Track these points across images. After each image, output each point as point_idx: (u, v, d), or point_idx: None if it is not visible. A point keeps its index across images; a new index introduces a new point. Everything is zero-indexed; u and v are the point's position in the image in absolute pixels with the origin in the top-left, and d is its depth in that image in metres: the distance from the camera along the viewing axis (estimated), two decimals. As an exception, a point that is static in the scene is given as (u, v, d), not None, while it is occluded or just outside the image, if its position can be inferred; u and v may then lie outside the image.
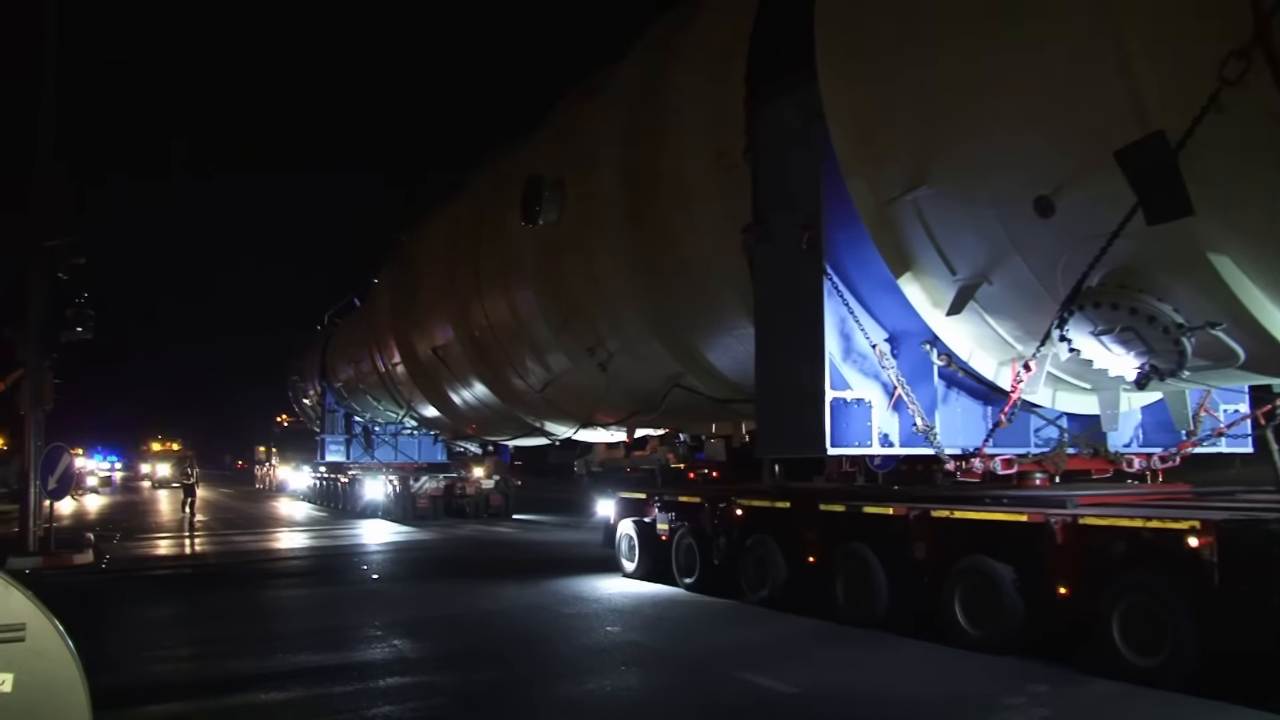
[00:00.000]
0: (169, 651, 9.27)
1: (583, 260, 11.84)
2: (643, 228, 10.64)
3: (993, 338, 7.95)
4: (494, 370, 15.98)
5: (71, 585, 14.18)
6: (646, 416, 13.39)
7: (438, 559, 17.05)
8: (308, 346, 36.32)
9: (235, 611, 11.75)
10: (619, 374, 12.48)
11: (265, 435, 49.21)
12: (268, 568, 16.90)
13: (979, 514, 8.00)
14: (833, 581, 9.29)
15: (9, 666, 3.20)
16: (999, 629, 7.68)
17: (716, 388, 11.32)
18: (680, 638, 9.22)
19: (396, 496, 25.91)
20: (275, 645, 9.20)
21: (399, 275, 19.92)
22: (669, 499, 12.07)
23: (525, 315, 13.92)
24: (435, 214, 18.79)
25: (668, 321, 10.96)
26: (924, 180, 7.23)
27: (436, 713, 6.72)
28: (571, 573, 13.41)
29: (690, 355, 11.08)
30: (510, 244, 13.66)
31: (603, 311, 11.97)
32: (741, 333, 10.11)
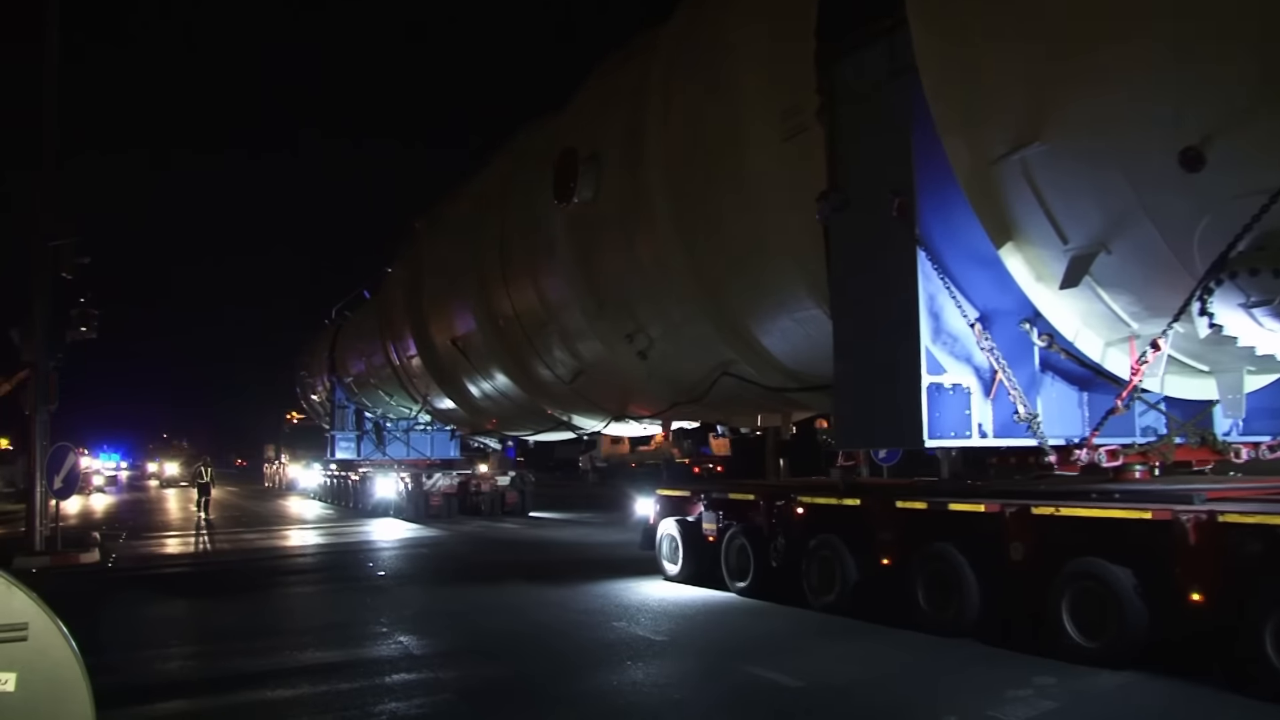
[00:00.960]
0: (175, 649, 9.27)
1: (623, 240, 11.00)
2: (692, 202, 9.80)
3: (1104, 315, 7.11)
4: (519, 361, 15.14)
5: (78, 584, 14.08)
6: (688, 408, 12.58)
7: (455, 561, 16.24)
8: (316, 341, 35.50)
9: (241, 610, 11.62)
10: (661, 362, 11.65)
11: (274, 433, 48.37)
12: (274, 566, 16.52)
13: (1091, 511, 7.17)
14: (912, 586, 8.46)
15: (11, 666, 3.20)
16: (1117, 639, 6.86)
17: (770, 375, 10.48)
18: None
19: (409, 494, 25.12)
20: (279, 644, 9.16)
21: (415, 264, 19.07)
22: (717, 497, 11.24)
23: (556, 301, 13.08)
24: (454, 198, 17.94)
25: (719, 304, 10.13)
26: (1036, 136, 6.39)
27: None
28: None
29: (743, 340, 10.24)
30: (540, 226, 12.81)
31: (645, 295, 11.14)
32: (803, 315, 9.28)
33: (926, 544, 8.41)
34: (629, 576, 12.32)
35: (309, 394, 36.77)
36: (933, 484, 9.84)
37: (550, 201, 11.92)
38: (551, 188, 11.70)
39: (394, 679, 7.55)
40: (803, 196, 8.41)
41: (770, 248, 9.10)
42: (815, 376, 10.14)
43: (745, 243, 9.35)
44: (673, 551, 11.81)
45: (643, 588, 11.52)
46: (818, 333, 9.17)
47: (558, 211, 11.90)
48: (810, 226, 8.37)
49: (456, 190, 18.13)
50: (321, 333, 34.68)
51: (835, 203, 7.69)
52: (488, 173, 15.88)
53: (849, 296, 7.75)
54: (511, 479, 25.25)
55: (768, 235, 9.05)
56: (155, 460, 69.98)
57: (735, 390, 11.21)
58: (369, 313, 27.01)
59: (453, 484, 25.07)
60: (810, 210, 8.26)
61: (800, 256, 8.74)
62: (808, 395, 10.63)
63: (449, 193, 18.94)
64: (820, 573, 9.52)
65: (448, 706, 6.76)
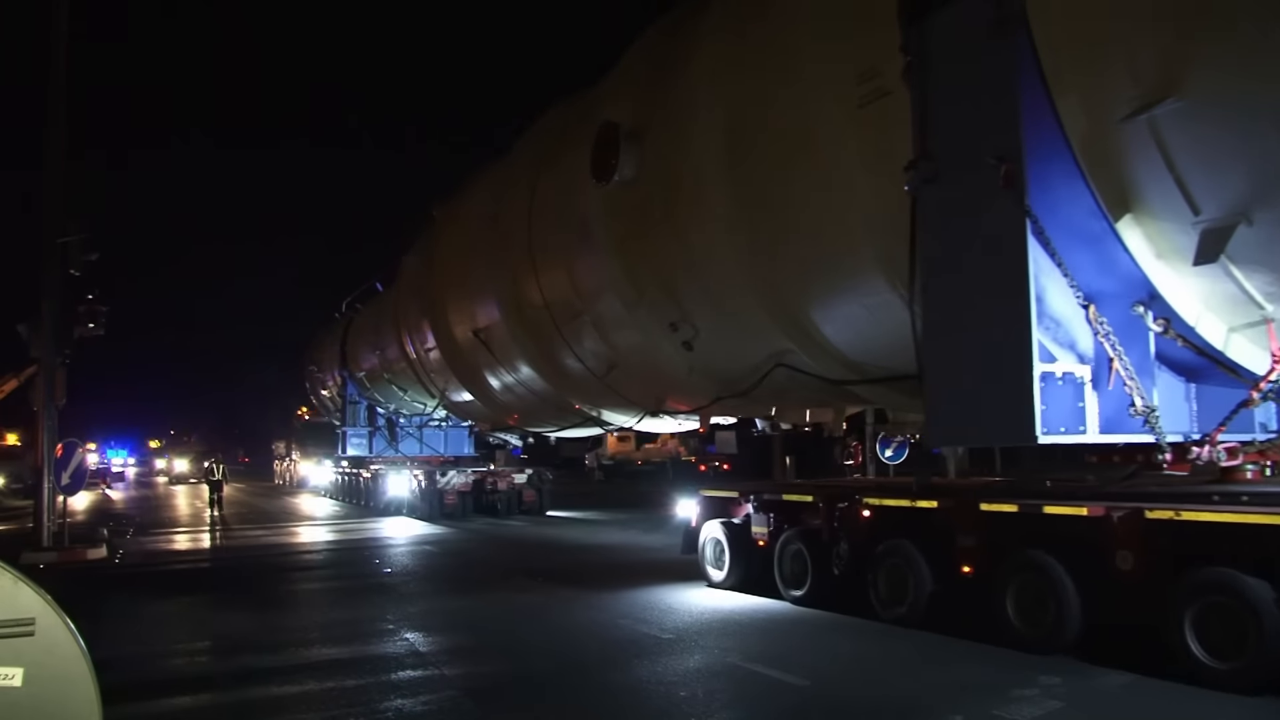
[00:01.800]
0: (182, 645, 9.27)
1: (669, 221, 10.22)
2: (750, 179, 9.02)
3: (1232, 296, 6.34)
4: (546, 353, 14.38)
5: (85, 580, 14.02)
6: (732, 402, 11.81)
7: (471, 564, 15.45)
8: (326, 335, 34.74)
9: (248, 610, 11.45)
10: (706, 353, 10.87)
11: (284, 429, 47.60)
12: (282, 564, 16.19)
13: (1220, 516, 6.37)
14: (999, 597, 7.69)
15: (18, 661, 3.19)
16: (1256, 660, 6.09)
17: (830, 367, 9.69)
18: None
19: (422, 492, 24.24)
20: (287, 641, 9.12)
21: (433, 253, 18.31)
22: (769, 498, 10.47)
23: (590, 289, 12.31)
24: (476, 182, 17.17)
25: (776, 290, 9.34)
26: (1170, 91, 5.61)
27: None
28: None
29: (801, 329, 9.46)
30: (574, 208, 12.03)
31: (692, 281, 10.36)
32: (874, 300, 8.49)
33: (1016, 551, 7.64)
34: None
35: (319, 389, 36.03)
36: (1014, 484, 9.04)
37: (587, 182, 11.15)
38: (589, 166, 10.92)
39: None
40: (880, 169, 7.66)
41: (840, 226, 8.31)
42: (880, 368, 9.39)
43: (811, 221, 8.56)
44: (718, 556, 11.05)
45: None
46: (889, 320, 8.40)
47: (595, 192, 11.12)
48: (887, 202, 7.60)
49: (478, 175, 17.36)
50: (332, 326, 33.94)
51: (925, 172, 6.90)
52: (514, 155, 15.10)
53: (942, 276, 6.96)
54: (529, 477, 24.46)
55: (837, 212, 8.26)
56: (164, 456, 69.09)
57: (787, 383, 10.44)
58: (382, 305, 26.26)
59: (468, 482, 24.27)
60: (887, 184, 7.49)
61: (874, 235, 7.96)
62: (868, 388, 9.86)
63: (468, 179, 18.18)
64: (889, 582, 8.76)
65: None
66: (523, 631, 9.38)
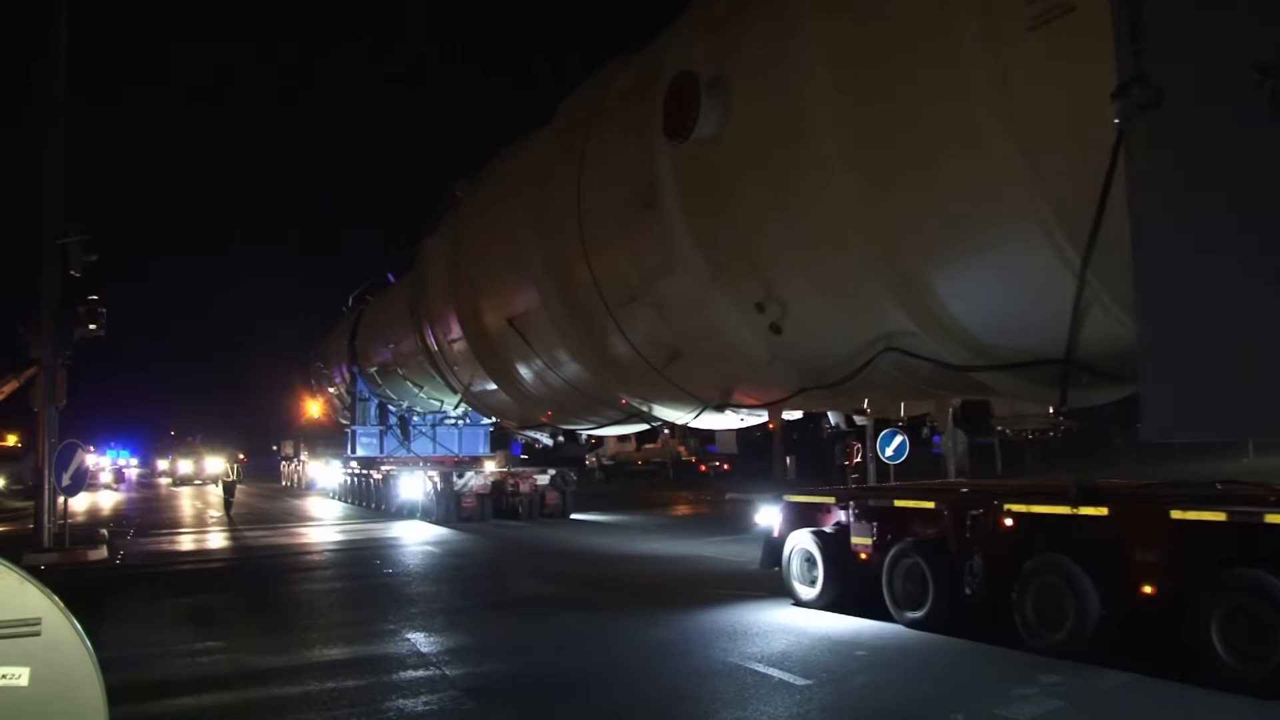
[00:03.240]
0: (184, 646, 9.23)
1: (760, 183, 8.78)
2: (874, 124, 7.58)
3: None
4: (593, 341, 12.94)
5: (86, 581, 13.99)
6: (818, 394, 10.36)
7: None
8: (333, 329, 33.29)
9: (249, 607, 11.60)
10: (797, 337, 9.44)
11: (292, 429, 45.99)
12: (286, 566, 16.05)
13: None
14: (1201, 625, 6.30)
15: (25, 660, 3.18)
16: None
17: (953, 349, 8.25)
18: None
19: (438, 495, 22.85)
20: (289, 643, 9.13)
21: (459, 236, 16.86)
22: (875, 505, 9.06)
23: (652, 267, 10.86)
24: (511, 155, 15.74)
25: (896, 257, 7.90)
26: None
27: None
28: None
29: (922, 304, 8.02)
30: (635, 174, 10.58)
31: (787, 251, 8.89)
32: (1022, 266, 7.10)
33: (1223, 570, 6.24)
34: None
35: (326, 386, 34.54)
36: (1227, 489, 7.62)
37: (654, 143, 9.74)
38: (660, 124, 9.49)
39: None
40: (1052, 102, 6.26)
41: (994, 177, 6.87)
42: (1015, 350, 8.01)
43: (955, 173, 7.12)
44: (807, 571, 9.67)
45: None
46: (1039, 291, 7.06)
47: (665, 154, 9.70)
48: (1058, 143, 6.22)
49: (512, 149, 15.92)
50: (340, 320, 32.51)
51: (1142, 98, 5.46)
52: (557, 123, 13.63)
53: (1166, 232, 5.53)
54: (551, 478, 23.03)
55: (992, 160, 6.82)
56: (168, 457, 67.02)
57: (893, 371, 9.02)
58: (397, 295, 24.84)
59: (486, 484, 22.84)
60: (1063, 122, 6.12)
61: (1041, 185, 6.54)
62: (996, 376, 8.43)
63: (499, 153, 16.74)
64: (1041, 604, 7.37)
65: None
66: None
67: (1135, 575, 6.75)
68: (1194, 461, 44.05)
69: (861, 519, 9.11)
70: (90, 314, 17.83)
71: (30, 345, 17.43)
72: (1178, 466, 41.09)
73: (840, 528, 9.46)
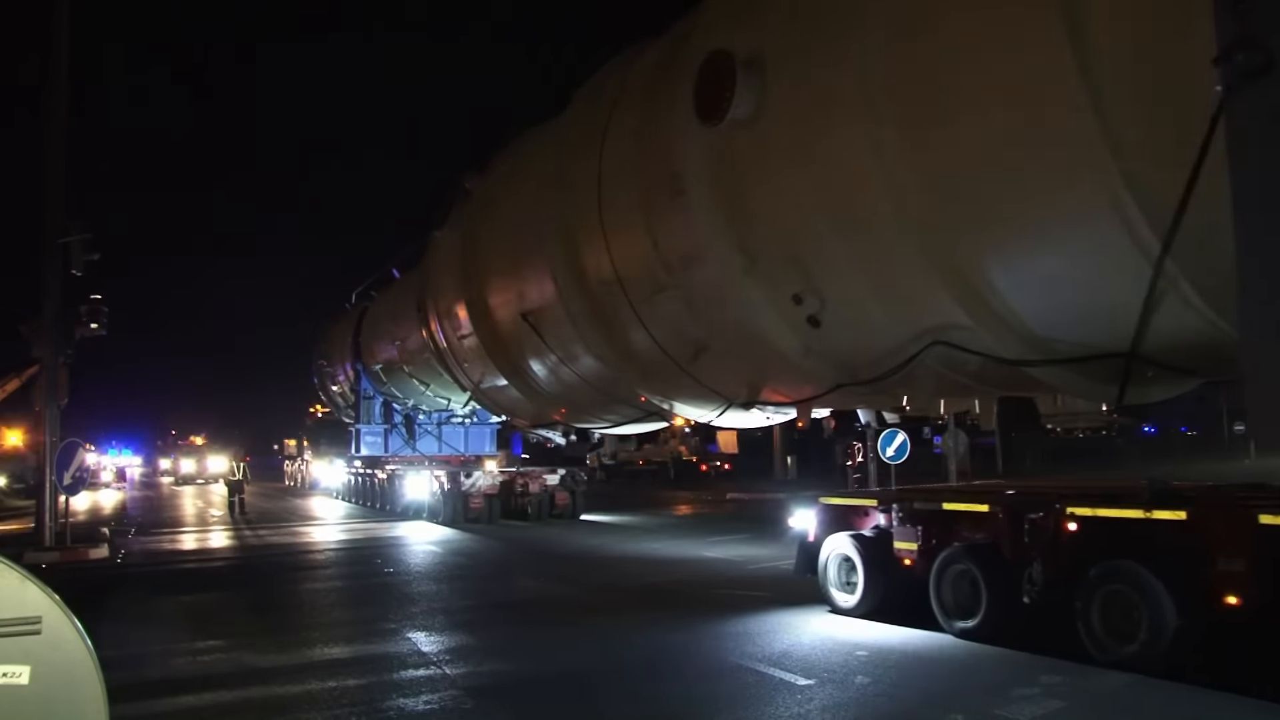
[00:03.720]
0: (185, 645, 9.22)
1: (802, 163, 8.29)
2: (923, 99, 7.10)
3: None
4: (613, 336, 12.44)
5: (87, 579, 13.96)
6: (856, 390, 9.87)
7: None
8: (336, 326, 32.77)
9: (250, 607, 11.64)
10: (836, 331, 8.95)
11: (295, 427, 45.45)
12: (291, 574, 15.45)
13: None
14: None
15: (25, 659, 3.17)
16: None
17: (1006, 342, 7.76)
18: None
19: (445, 495, 22.31)
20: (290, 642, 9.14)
21: (469, 229, 16.36)
22: (922, 508, 8.57)
23: (680, 257, 10.36)
24: (524, 145, 15.24)
25: (949, 243, 7.42)
26: None
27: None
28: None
29: (975, 294, 7.54)
30: (662, 160, 10.09)
31: (830, 239, 8.42)
32: (1089, 251, 6.62)
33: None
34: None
35: (329, 384, 34.01)
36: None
37: (684, 126, 9.25)
38: (691, 106, 8.99)
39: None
40: (1136, 70, 5.78)
41: (1067, 156, 6.38)
42: (1075, 344, 7.54)
43: (1023, 153, 6.64)
44: (846, 577, 9.19)
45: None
46: (1107, 279, 6.58)
47: (696, 138, 9.21)
48: (1141, 116, 5.75)
49: (526, 137, 15.42)
50: (343, 317, 31.99)
51: (1248, 64, 4.96)
52: (574, 110, 13.14)
53: (1278, 210, 5.02)
54: (561, 478, 22.52)
55: (1065, 136, 6.33)
56: (170, 456, 66.35)
57: (939, 366, 8.53)
58: (403, 290, 24.35)
59: (495, 484, 22.32)
60: (1147, 91, 5.64)
61: (1120, 163, 6.05)
62: (1052, 371, 7.95)
63: (512, 143, 16.24)
64: (1109, 614, 6.88)
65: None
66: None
67: (1217, 584, 6.27)
68: (1198, 462, 43.73)
69: (906, 523, 8.62)
70: (92, 313, 17.89)
71: (32, 344, 17.53)
72: (1181, 467, 40.80)
73: (881, 532, 8.97)
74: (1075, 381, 8.18)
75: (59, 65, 17.26)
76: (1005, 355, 7.92)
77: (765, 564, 13.71)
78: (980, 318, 7.67)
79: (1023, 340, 7.71)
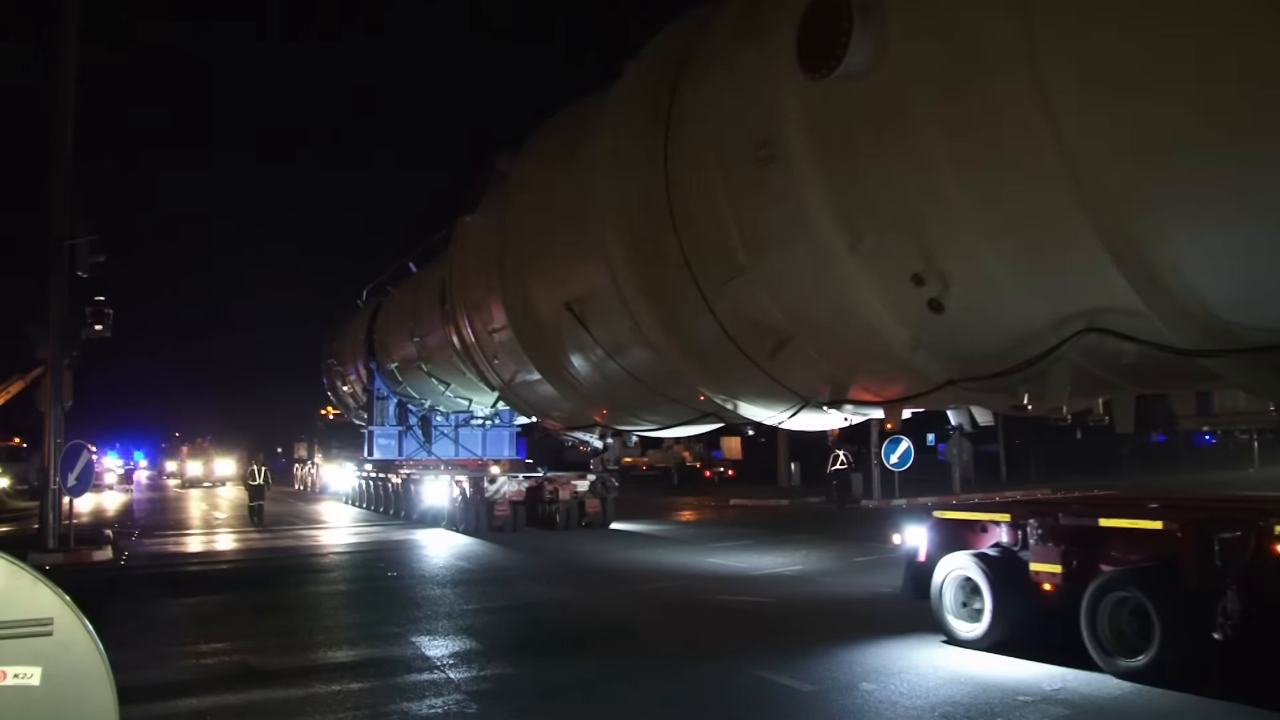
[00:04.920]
0: (190, 647, 9.19)
1: (933, 124, 7.08)
2: (1090, 35, 5.92)
3: None
4: (676, 328, 11.26)
5: (90, 581, 13.95)
6: (969, 387, 8.68)
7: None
8: (348, 324, 31.56)
9: (250, 609, 11.66)
10: (962, 316, 7.73)
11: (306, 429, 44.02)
12: (288, 565, 15.90)
13: None
14: None
15: (37, 660, 3.18)
16: None
17: (1181, 329, 6.56)
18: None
19: (466, 501, 21.10)
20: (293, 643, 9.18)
21: (504, 212, 15.13)
22: (1069, 523, 7.34)
23: (769, 234, 9.15)
24: (567, 121, 14.04)
25: (1125, 210, 6.23)
26: None
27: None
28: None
29: (1151, 273, 6.35)
30: (751, 122, 8.89)
31: (960, 207, 7.23)
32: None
33: None
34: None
35: (339, 384, 32.75)
36: None
37: (781, 80, 8.07)
38: (792, 54, 7.79)
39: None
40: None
41: None
42: (1267, 331, 6.35)
43: (1226, 87, 5.44)
44: (967, 603, 7.96)
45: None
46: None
47: (795, 95, 8.03)
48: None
49: (571, 112, 14.22)
50: (355, 313, 30.79)
51: None
52: (633, 76, 11.91)
53: None
54: (592, 483, 21.24)
55: None
56: (177, 459, 64.92)
57: (1083, 360, 7.35)
58: (422, 284, 23.16)
59: (521, 489, 21.03)
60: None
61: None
62: (1229, 362, 6.76)
63: (553, 120, 15.05)
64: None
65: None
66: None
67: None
68: (1204, 471, 42.67)
69: (1047, 540, 7.41)
70: (97, 315, 17.90)
71: (36, 346, 17.59)
72: (1188, 477, 39.71)
73: (1008, 551, 7.76)
74: (1252, 376, 6.99)
75: (65, 66, 17.32)
76: (1179, 344, 6.71)
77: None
78: (1153, 299, 6.46)
79: (1201, 327, 6.51)
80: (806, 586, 12.43)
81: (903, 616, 8.76)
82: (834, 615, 10.17)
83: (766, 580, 13.12)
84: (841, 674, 7.26)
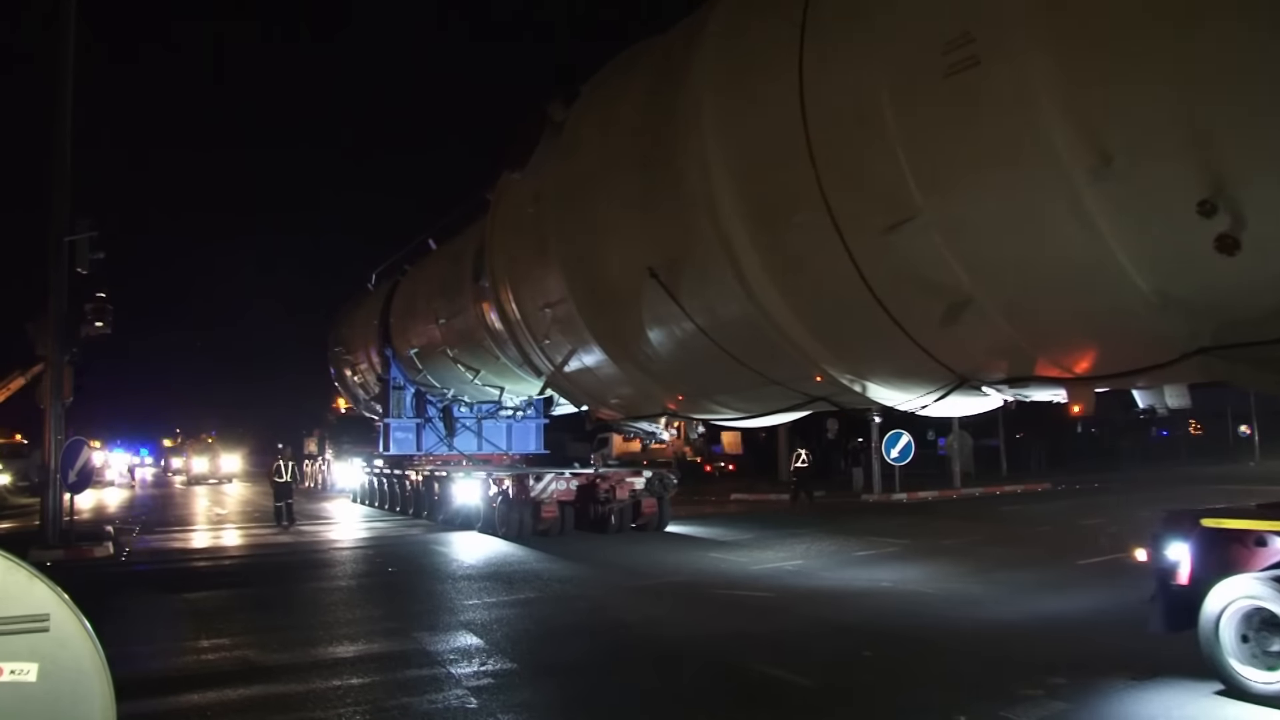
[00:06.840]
0: (189, 643, 9.18)
1: None
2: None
3: None
4: (798, 293, 9.33)
5: (91, 577, 14.01)
6: (1224, 356, 6.76)
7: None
8: (358, 309, 29.46)
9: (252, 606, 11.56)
10: (1258, 259, 5.79)
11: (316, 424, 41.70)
12: (287, 564, 15.65)
13: None
14: None
15: (33, 656, 3.17)
16: None
17: None
18: None
19: (510, 502, 18.65)
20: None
21: (560, 167, 13.16)
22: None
23: (957, 164, 7.19)
24: (650, 51, 12.06)
25: None
26: None
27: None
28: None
29: None
30: (939, 15, 6.93)
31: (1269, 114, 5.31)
32: None
33: None
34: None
35: (348, 374, 30.60)
36: None
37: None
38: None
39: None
40: None
41: None
42: None
43: None
44: (1257, 643, 5.99)
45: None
46: None
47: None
48: None
49: (645, 45, 12.24)
50: (366, 298, 28.69)
51: None
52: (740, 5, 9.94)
53: None
54: (648, 481, 19.14)
55: None
56: (182, 455, 62.70)
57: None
58: (445, 261, 21.14)
59: (570, 488, 18.83)
60: None
61: None
62: None
63: (609, 65, 13.11)
64: None
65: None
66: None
67: None
68: (1201, 464, 41.43)
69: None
70: (98, 311, 17.82)
71: (37, 342, 17.60)
72: (1187, 469, 38.44)
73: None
74: None
75: (65, 64, 17.37)
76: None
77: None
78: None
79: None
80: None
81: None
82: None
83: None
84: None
